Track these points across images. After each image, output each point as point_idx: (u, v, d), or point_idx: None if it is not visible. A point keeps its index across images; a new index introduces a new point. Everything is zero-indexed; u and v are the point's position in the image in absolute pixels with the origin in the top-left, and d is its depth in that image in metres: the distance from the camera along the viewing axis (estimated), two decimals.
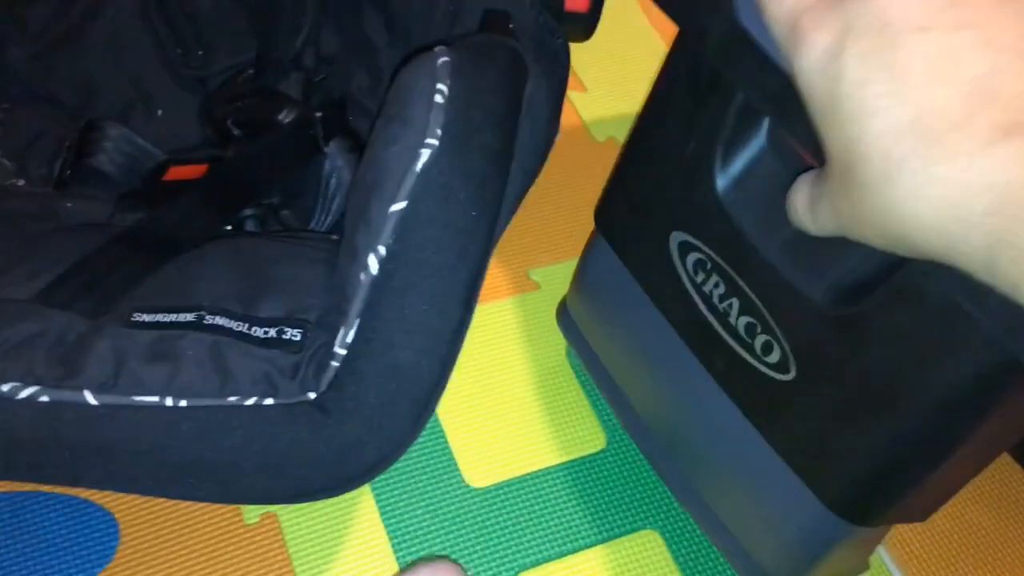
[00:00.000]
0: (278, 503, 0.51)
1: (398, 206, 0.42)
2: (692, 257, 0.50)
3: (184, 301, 0.45)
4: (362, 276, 0.42)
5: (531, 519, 0.59)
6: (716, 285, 0.48)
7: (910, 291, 0.32)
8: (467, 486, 0.59)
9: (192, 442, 0.40)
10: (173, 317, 0.43)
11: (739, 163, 0.46)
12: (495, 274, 0.70)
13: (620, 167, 0.56)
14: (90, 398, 0.40)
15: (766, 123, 0.45)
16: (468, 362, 0.65)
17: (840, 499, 0.47)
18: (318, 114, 0.59)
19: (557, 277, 0.71)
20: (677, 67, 0.48)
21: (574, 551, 0.58)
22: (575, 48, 0.84)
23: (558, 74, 0.56)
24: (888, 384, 0.41)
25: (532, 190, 0.75)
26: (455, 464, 0.60)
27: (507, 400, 0.64)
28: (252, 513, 0.56)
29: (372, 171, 0.43)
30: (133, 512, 0.56)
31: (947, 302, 0.31)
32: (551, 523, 0.59)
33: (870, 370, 0.42)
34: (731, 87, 0.43)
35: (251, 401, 0.41)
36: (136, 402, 0.40)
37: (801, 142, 0.37)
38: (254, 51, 0.65)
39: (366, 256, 0.42)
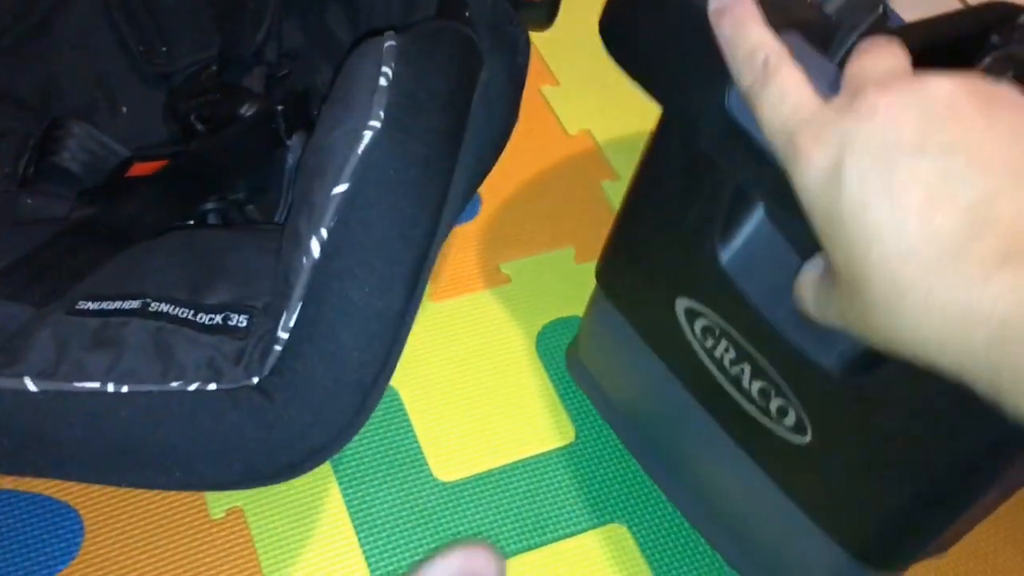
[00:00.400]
0: (225, 489, 0.51)
1: (340, 189, 0.41)
2: (700, 323, 0.49)
3: (131, 289, 0.44)
4: (304, 260, 0.41)
5: (499, 513, 0.58)
6: (727, 350, 0.48)
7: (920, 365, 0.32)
8: (435, 480, 0.59)
9: (132, 427, 0.40)
10: (118, 304, 0.43)
11: (741, 233, 0.45)
12: (466, 267, 0.70)
13: (619, 229, 0.55)
14: (30, 385, 0.40)
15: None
16: (438, 355, 0.65)
17: (862, 548, 0.47)
18: (279, 107, 0.59)
19: (528, 270, 0.70)
20: (669, 140, 0.47)
21: (542, 544, 0.57)
22: (547, 41, 0.84)
23: (517, 61, 0.55)
24: (903, 449, 0.41)
25: (504, 183, 0.75)
26: (423, 458, 0.60)
27: (477, 394, 0.63)
28: (218, 508, 0.56)
29: (315, 155, 0.43)
30: (97, 508, 0.55)
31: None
32: (519, 517, 0.58)
33: (885, 435, 0.42)
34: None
35: (194, 386, 0.41)
36: (76, 388, 0.40)
37: (803, 233, 0.36)
38: (217, 47, 0.65)
39: (308, 240, 0.41)
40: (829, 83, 0.33)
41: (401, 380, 0.63)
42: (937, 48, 0.60)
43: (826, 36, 0.38)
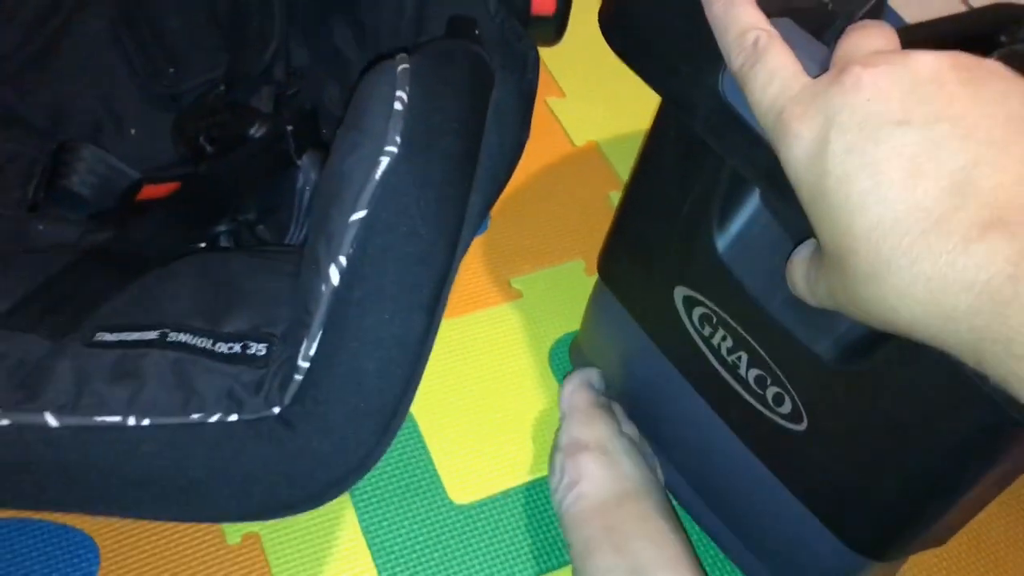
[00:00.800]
0: (246, 520, 0.50)
1: (358, 215, 0.41)
2: (698, 311, 0.49)
3: (149, 319, 0.44)
4: (323, 287, 0.41)
5: (515, 535, 0.58)
6: (724, 339, 0.48)
7: (914, 350, 0.32)
8: (451, 502, 0.59)
9: (155, 461, 0.39)
10: (136, 335, 0.43)
11: (737, 222, 0.46)
12: (477, 283, 0.70)
13: (619, 221, 0.55)
14: (51, 420, 0.40)
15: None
16: (450, 374, 0.64)
17: (859, 538, 0.47)
18: (289, 127, 0.58)
19: (540, 285, 0.70)
20: (666, 129, 0.48)
21: (559, 566, 0.57)
22: (553, 54, 0.84)
23: (527, 78, 0.55)
24: (897, 435, 0.42)
25: (512, 197, 0.75)
26: (439, 480, 0.59)
27: (491, 412, 0.63)
28: (234, 533, 0.56)
29: (332, 181, 0.43)
30: (113, 536, 0.55)
31: (949, 361, 0.31)
32: (536, 539, 0.58)
33: (880, 422, 0.42)
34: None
35: (215, 418, 0.41)
36: (98, 423, 0.40)
37: (796, 216, 0.36)
38: (224, 67, 0.65)
39: (327, 267, 0.41)
40: (820, 64, 0.34)
41: (415, 400, 0.62)
42: (943, 48, 0.61)
43: (822, 24, 0.38)
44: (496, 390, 0.64)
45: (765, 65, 0.33)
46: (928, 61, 0.30)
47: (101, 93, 0.66)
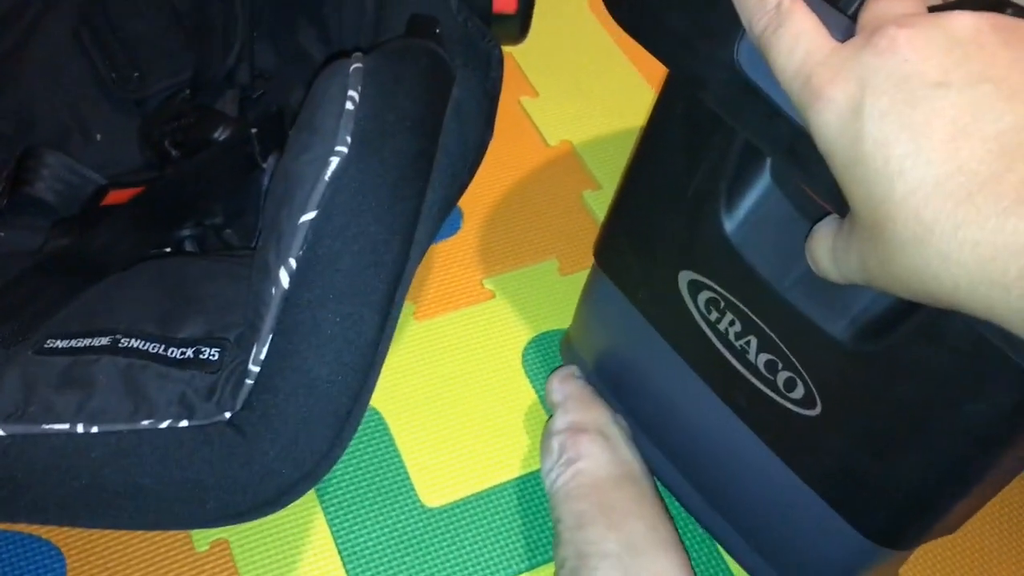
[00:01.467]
0: (201, 527, 0.50)
1: (308, 216, 0.41)
2: (704, 295, 0.48)
3: (101, 325, 0.43)
4: (273, 290, 0.41)
5: (488, 537, 0.57)
6: (732, 323, 0.47)
7: (934, 328, 0.31)
8: (422, 505, 0.58)
9: (104, 469, 0.39)
10: (87, 342, 0.42)
11: (746, 201, 0.44)
12: (448, 284, 0.69)
13: (619, 204, 0.54)
14: None
15: (768, 161, 0.43)
16: (422, 376, 0.64)
17: (873, 526, 0.46)
18: (253, 130, 0.58)
19: (512, 285, 0.70)
20: (673, 105, 0.46)
21: (531, 568, 0.56)
22: (525, 52, 0.83)
23: (491, 76, 0.54)
24: (916, 418, 0.40)
25: (485, 197, 0.74)
26: (410, 482, 0.59)
27: (463, 414, 0.62)
28: (202, 540, 0.55)
29: (282, 182, 0.42)
30: (80, 545, 0.54)
31: (972, 338, 0.30)
32: (508, 541, 0.57)
33: (897, 405, 0.41)
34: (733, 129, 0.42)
35: (165, 424, 0.40)
36: (45, 430, 0.39)
37: (819, 193, 0.35)
38: (190, 71, 0.65)
39: (277, 270, 0.40)
40: (843, 33, 0.32)
41: (385, 402, 0.62)
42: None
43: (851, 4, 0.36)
44: (468, 392, 0.63)
45: (789, 29, 0.32)
46: (966, 22, 0.29)
47: (66, 99, 0.65)
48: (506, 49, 0.58)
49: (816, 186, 0.35)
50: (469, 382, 0.64)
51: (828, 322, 0.41)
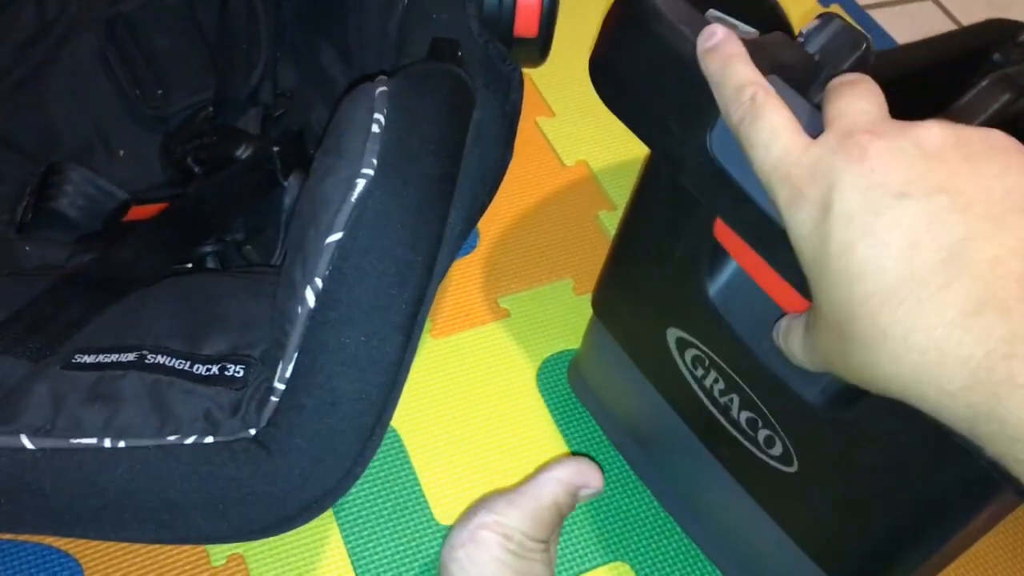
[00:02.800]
0: (223, 542, 0.50)
1: (334, 237, 0.41)
2: (690, 353, 0.50)
3: (128, 341, 0.44)
4: (299, 309, 0.41)
5: None
6: (716, 381, 0.49)
7: (898, 402, 0.33)
8: (436, 522, 0.58)
9: (130, 484, 0.39)
10: (114, 357, 0.43)
11: (728, 267, 0.46)
12: (465, 302, 0.70)
13: (612, 260, 0.56)
14: (27, 442, 0.40)
15: None
16: (438, 393, 0.64)
17: (845, 574, 0.47)
18: (275, 148, 0.59)
19: (528, 303, 0.70)
20: (657, 175, 0.48)
21: None
22: (542, 73, 0.84)
23: (511, 99, 0.55)
24: (883, 482, 0.42)
25: (501, 216, 0.75)
26: (425, 500, 0.59)
27: (478, 432, 0.63)
28: (219, 554, 0.56)
29: (309, 203, 0.43)
30: (97, 557, 0.55)
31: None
32: None
33: (867, 468, 0.43)
34: None
35: (191, 440, 0.41)
36: (73, 445, 0.40)
37: (787, 278, 0.37)
38: (213, 89, 0.66)
39: (303, 289, 0.41)
40: (808, 122, 0.34)
41: (401, 419, 0.62)
42: (937, 68, 0.61)
43: (809, 77, 0.39)
44: (483, 410, 0.64)
45: (765, 122, 0.33)
46: (933, 135, 0.30)
47: (90, 115, 0.66)
48: (523, 69, 0.59)
49: (784, 272, 0.37)
50: (484, 400, 0.64)
51: (803, 387, 0.43)
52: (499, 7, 0.55)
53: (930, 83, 0.65)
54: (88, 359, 0.43)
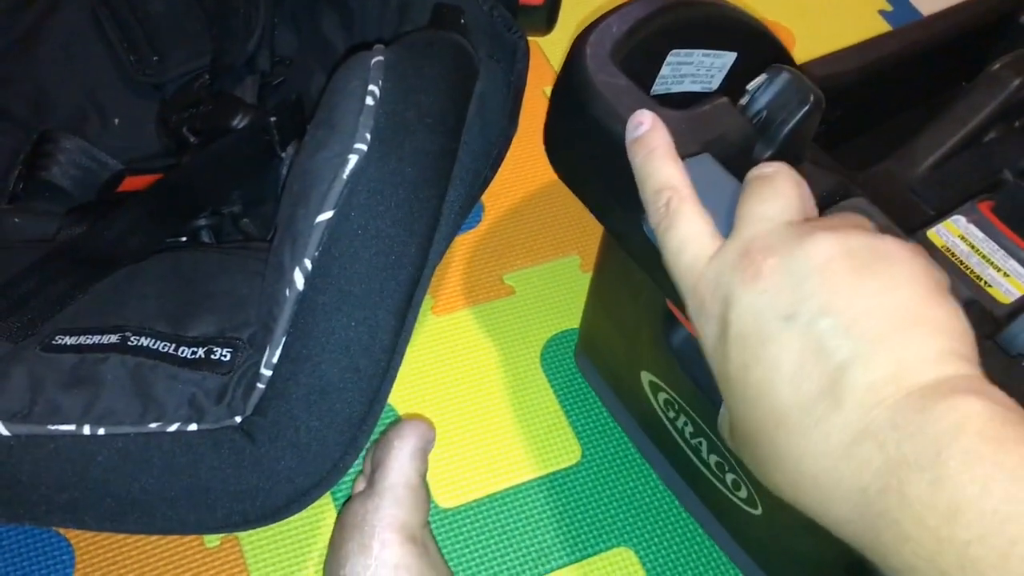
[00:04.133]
0: (208, 532, 0.49)
1: (325, 216, 0.39)
2: (662, 396, 0.50)
3: (111, 321, 0.42)
4: (287, 292, 0.39)
5: (502, 539, 0.56)
6: (686, 424, 0.49)
7: None
8: (436, 506, 0.57)
9: (110, 472, 0.38)
10: (96, 339, 0.41)
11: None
12: (468, 279, 0.68)
13: (589, 306, 0.57)
14: (2, 428, 0.38)
15: None
16: (438, 372, 0.63)
17: None
18: (272, 118, 0.56)
19: (533, 280, 0.68)
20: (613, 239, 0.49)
21: (547, 572, 0.55)
22: (550, 42, 0.81)
23: (516, 68, 0.53)
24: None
25: (506, 190, 0.73)
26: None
27: (479, 412, 0.61)
28: (212, 536, 0.54)
29: (299, 180, 0.41)
30: (88, 537, 0.54)
31: None
32: (523, 543, 0.56)
33: None
34: None
35: (174, 427, 0.39)
36: (51, 431, 0.38)
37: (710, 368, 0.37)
38: (210, 55, 0.63)
39: (292, 271, 0.39)
40: (729, 204, 0.34)
41: (400, 399, 0.61)
42: (964, 36, 0.60)
43: (749, 144, 0.39)
44: (485, 390, 0.62)
45: (676, 232, 0.33)
46: (821, 250, 0.30)
47: (84, 82, 0.64)
48: (531, 37, 0.57)
49: None
50: (487, 380, 0.63)
51: None
52: None
53: (958, 53, 0.63)
54: (69, 340, 0.41)
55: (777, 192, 0.32)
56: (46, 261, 0.47)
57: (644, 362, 0.51)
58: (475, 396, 0.62)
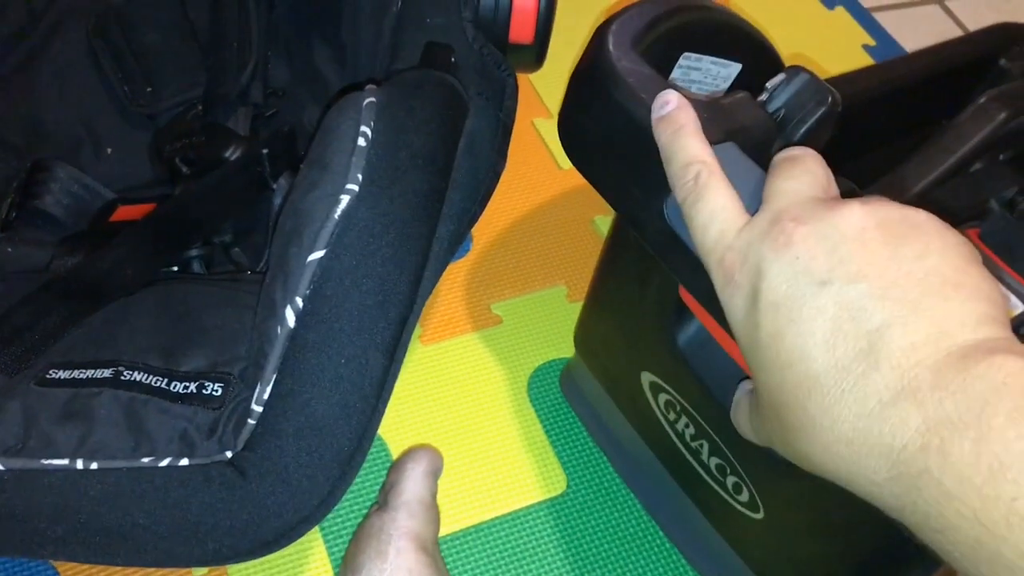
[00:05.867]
0: (198, 566, 0.49)
1: (316, 255, 0.40)
2: (663, 397, 0.50)
3: (104, 355, 0.43)
4: (279, 329, 0.40)
5: (488, 569, 0.57)
6: (687, 426, 0.49)
7: None
8: None
9: (102, 507, 0.38)
10: (89, 373, 0.42)
11: (696, 318, 0.46)
12: (456, 308, 0.69)
13: (589, 306, 0.57)
14: None
15: None
16: (426, 401, 0.63)
17: None
18: (265, 150, 0.57)
19: (520, 310, 0.69)
20: (626, 231, 0.49)
21: None
22: (539, 74, 0.82)
23: (505, 106, 0.54)
24: (849, 535, 0.43)
25: (494, 220, 0.74)
26: None
27: (466, 442, 0.62)
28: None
29: (292, 219, 0.41)
30: (75, 564, 0.54)
31: None
32: (509, 572, 0.57)
33: (826, 520, 0.43)
34: None
35: (165, 462, 0.40)
36: (44, 465, 0.39)
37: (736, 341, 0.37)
38: (203, 86, 0.64)
39: (283, 309, 0.40)
40: (754, 189, 0.34)
41: (388, 428, 0.62)
42: (945, 75, 0.61)
43: (769, 137, 0.39)
44: (473, 419, 0.63)
45: (706, 204, 0.34)
46: (854, 219, 0.30)
47: (78, 111, 0.65)
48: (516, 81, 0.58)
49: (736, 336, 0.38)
50: (474, 409, 0.63)
51: None
52: (494, 12, 0.54)
53: (938, 90, 0.64)
54: (63, 375, 0.42)
55: (805, 169, 0.33)
56: (40, 293, 0.47)
57: (646, 363, 0.50)
58: (462, 425, 0.62)
